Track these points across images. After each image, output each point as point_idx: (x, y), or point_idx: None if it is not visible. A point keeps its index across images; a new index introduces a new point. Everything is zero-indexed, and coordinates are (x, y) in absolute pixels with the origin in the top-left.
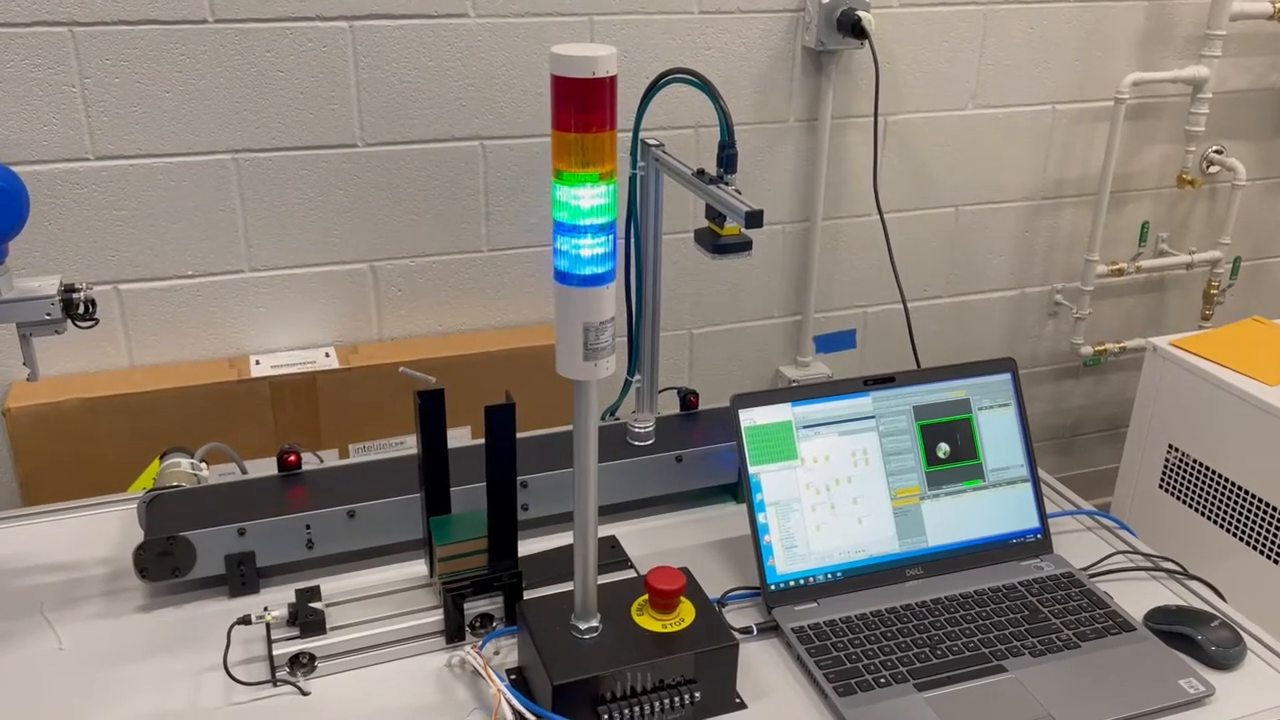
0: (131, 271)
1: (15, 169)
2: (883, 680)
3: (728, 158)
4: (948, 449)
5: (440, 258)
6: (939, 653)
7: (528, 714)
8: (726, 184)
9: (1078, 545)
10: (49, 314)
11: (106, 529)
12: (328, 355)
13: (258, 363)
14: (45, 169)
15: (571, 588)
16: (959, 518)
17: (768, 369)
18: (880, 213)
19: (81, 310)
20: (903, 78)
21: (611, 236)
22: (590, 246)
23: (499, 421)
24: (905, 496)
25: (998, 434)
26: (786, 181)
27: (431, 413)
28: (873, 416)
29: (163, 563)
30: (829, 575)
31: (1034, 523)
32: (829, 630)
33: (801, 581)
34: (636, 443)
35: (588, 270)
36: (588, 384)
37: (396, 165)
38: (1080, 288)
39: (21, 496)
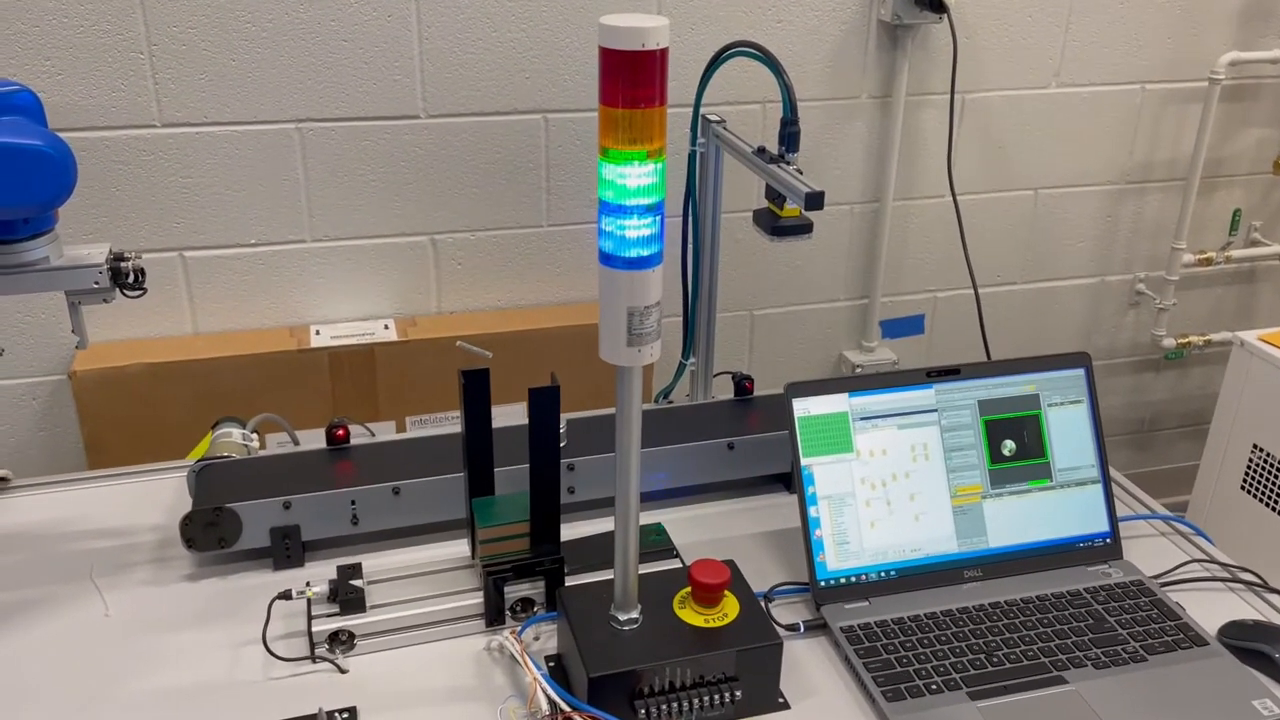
0: (196, 239)
1: (84, 135)
2: (934, 686)
3: (790, 135)
4: (1013, 446)
5: (500, 232)
6: (995, 660)
7: (563, 704)
8: (788, 163)
9: (1150, 551)
10: (97, 282)
11: (162, 495)
12: (386, 327)
13: (318, 333)
14: (113, 135)
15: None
16: (1023, 518)
17: (830, 353)
18: (954, 194)
19: (130, 279)
20: (982, 54)
21: (659, 218)
22: (636, 228)
23: (543, 404)
24: (966, 494)
25: (1068, 432)
26: (856, 160)
27: (476, 392)
28: (935, 410)
29: (209, 533)
30: (882, 574)
31: (1103, 526)
32: (880, 631)
33: (853, 579)
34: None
35: (633, 252)
36: (632, 370)
37: (458, 137)
38: (1165, 277)
39: (86, 458)
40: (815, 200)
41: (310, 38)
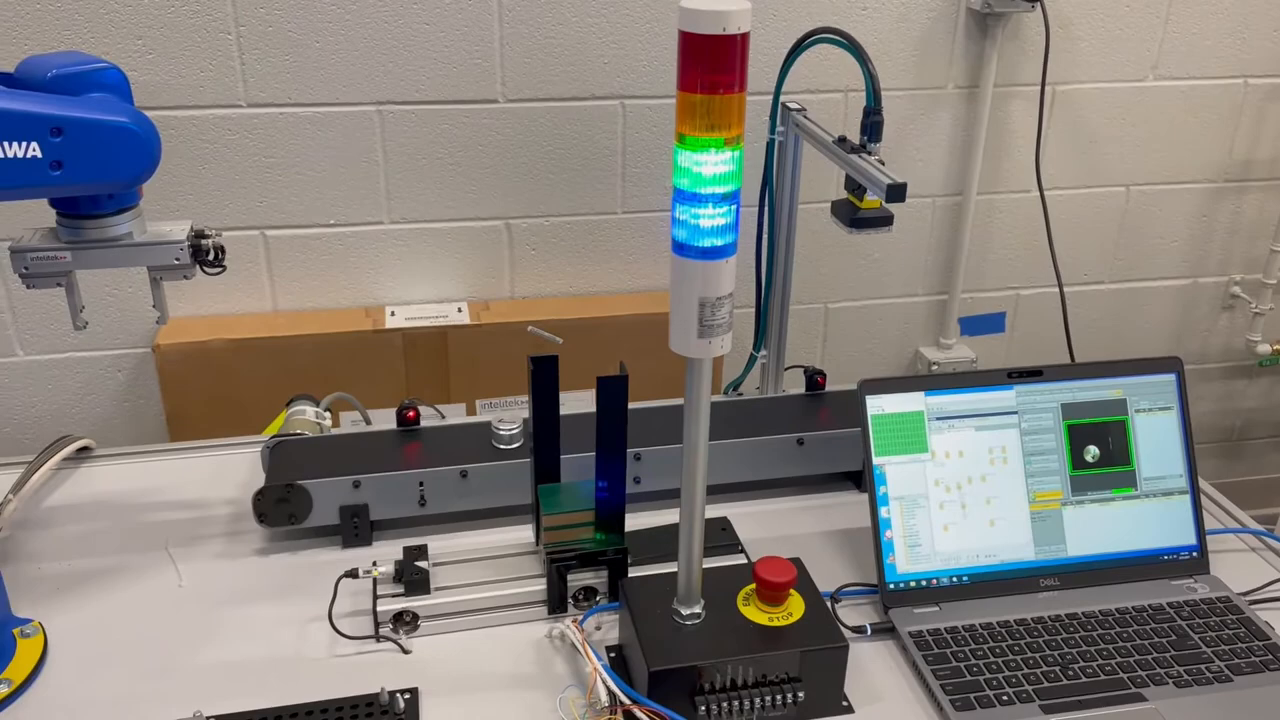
0: (277, 218)
1: (172, 114)
2: (1005, 697)
3: (872, 125)
4: (1097, 452)
5: (575, 218)
6: (1070, 673)
7: (623, 696)
8: (869, 153)
9: (1239, 567)
10: (177, 259)
11: (237, 470)
12: (460, 310)
13: (393, 314)
14: (200, 114)
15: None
16: (1105, 528)
17: (906, 350)
18: (1041, 189)
19: (211, 256)
20: (1076, 44)
21: (735, 207)
22: (710, 217)
23: (611, 393)
24: (1045, 501)
25: (1156, 439)
26: (940, 152)
27: (544, 379)
28: (1015, 412)
29: (280, 509)
30: (954, 579)
31: (1190, 539)
32: (950, 638)
33: (923, 583)
34: (500, 445)
35: (707, 242)
36: (701, 361)
37: (536, 122)
38: (1262, 280)
39: (167, 430)
40: (897, 192)
41: (393, 20)
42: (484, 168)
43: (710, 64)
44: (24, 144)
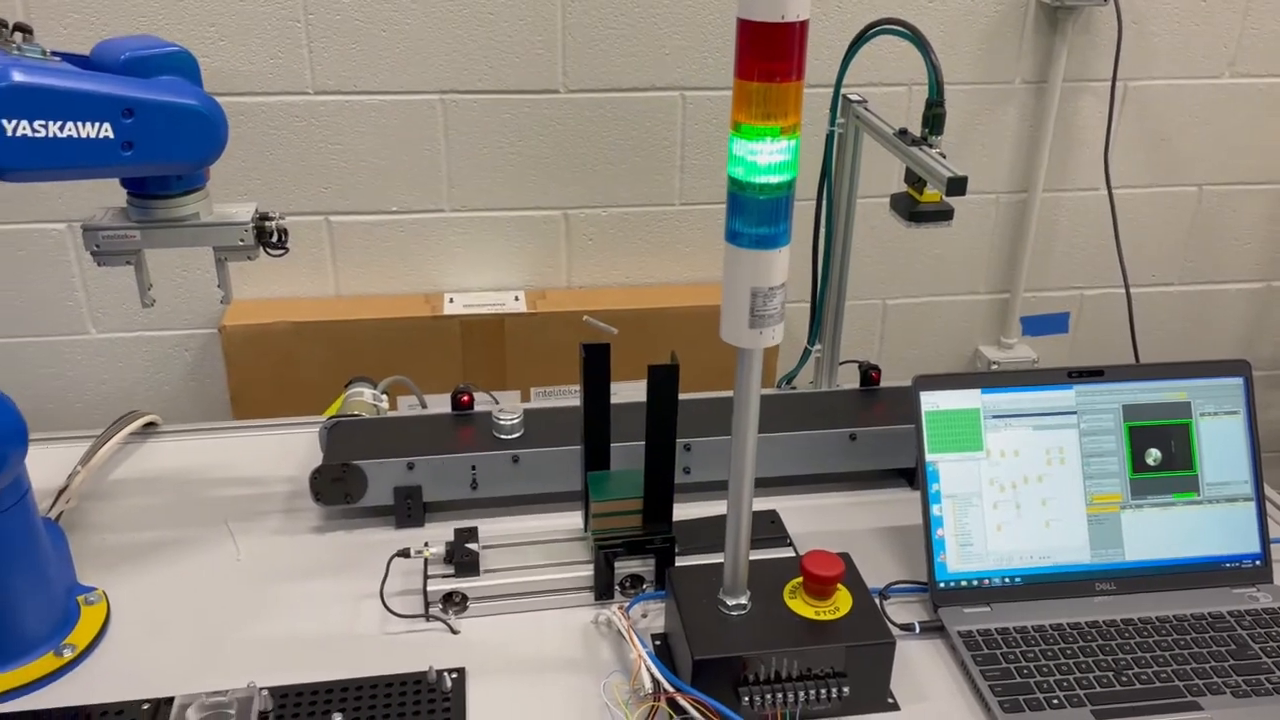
0: (341, 204)
1: (242, 99)
2: (1055, 701)
3: (934, 117)
4: (1159, 456)
5: (632, 209)
6: (1124, 679)
7: (666, 684)
8: (930, 146)
9: None
10: (242, 240)
11: (296, 449)
12: (517, 299)
13: (451, 301)
14: (269, 101)
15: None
16: (1164, 533)
17: (966, 348)
18: (1109, 187)
19: (274, 238)
20: (1150, 39)
21: (789, 198)
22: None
23: (662, 382)
24: (1103, 503)
25: (1220, 444)
26: (1006, 147)
27: (596, 366)
28: (1074, 412)
29: (335, 488)
30: (1006, 579)
31: (1254, 547)
32: (1000, 639)
33: (975, 582)
34: (501, 435)
35: (760, 231)
36: (752, 352)
37: (596, 112)
38: None
39: (231, 410)
40: (957, 185)
41: (457, 10)
42: (543, 157)
43: (767, 51)
44: (96, 124)
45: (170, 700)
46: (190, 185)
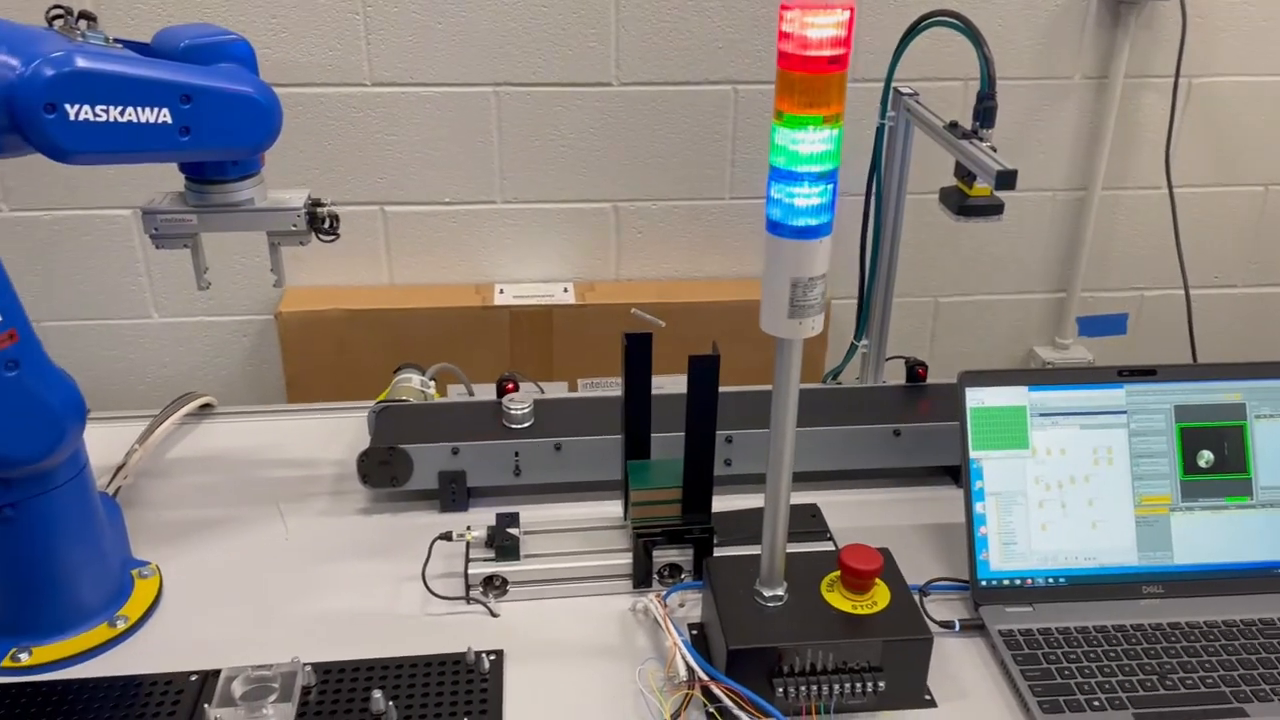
0: (396, 195)
1: (302, 90)
2: (1096, 703)
3: (985, 110)
4: (1211, 458)
5: (682, 202)
6: (1169, 684)
7: (701, 672)
8: (981, 139)
9: None
10: (294, 225)
11: (346, 433)
12: (565, 290)
13: (501, 291)
14: (328, 92)
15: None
16: (1215, 537)
17: (1020, 348)
18: (1170, 186)
19: (326, 224)
20: (1215, 35)
21: (831, 187)
22: (806, 196)
23: (703, 372)
24: (1152, 505)
25: (1276, 447)
26: (1064, 144)
27: (638, 355)
28: (1124, 411)
29: (382, 471)
30: (1050, 579)
31: None
32: (1042, 639)
33: (1017, 582)
34: (512, 425)
35: (801, 221)
36: (791, 342)
37: (647, 106)
38: None
39: (286, 395)
40: (1007, 179)
41: (512, 3)
42: (595, 150)
43: (811, 40)
44: (155, 110)
45: (217, 673)
46: (245, 171)
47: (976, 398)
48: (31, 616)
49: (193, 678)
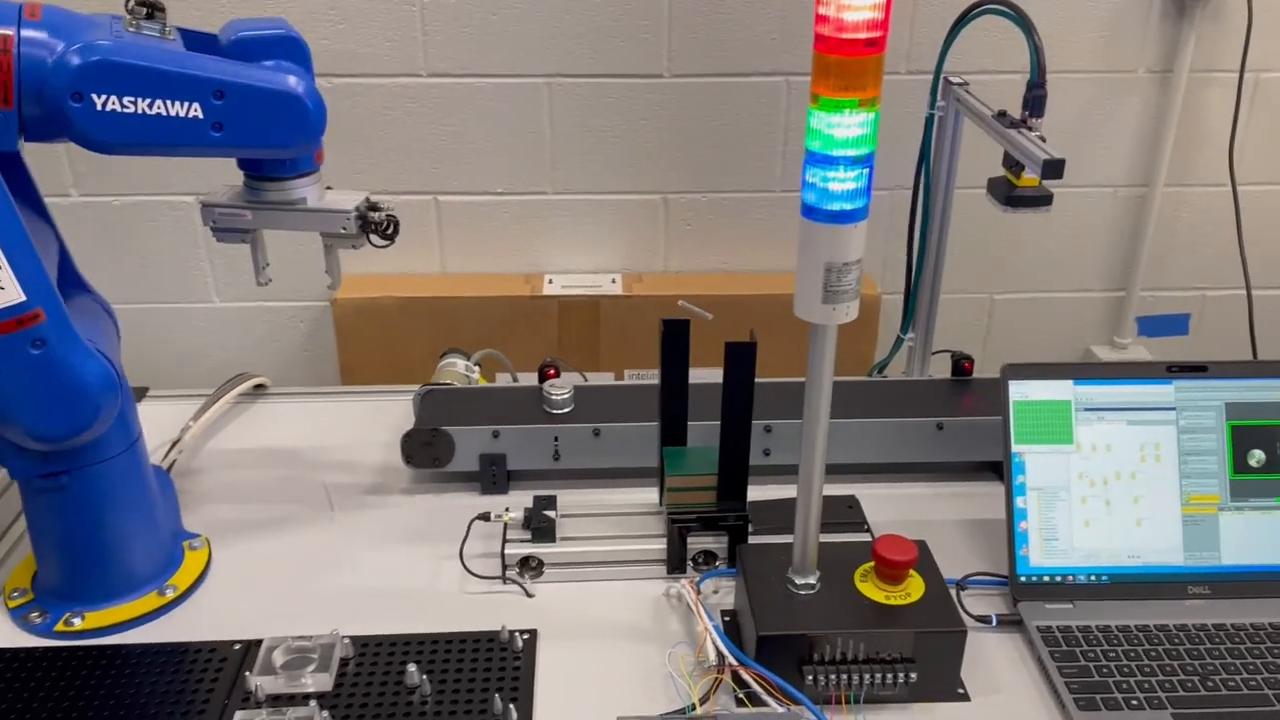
0: (450, 184)
1: (359, 81)
2: (1134, 702)
3: (1035, 100)
4: (1263, 457)
5: (732, 195)
6: (1210, 685)
7: (730, 657)
8: (1029, 129)
9: None
10: (344, 228)
11: (393, 415)
12: (614, 281)
13: (550, 281)
14: (384, 82)
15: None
16: (1266, 538)
17: (1076, 347)
18: (1234, 183)
19: (387, 228)
20: None
21: (867, 171)
22: (841, 180)
23: (739, 359)
24: (1200, 504)
25: None
26: (1126, 139)
27: (675, 342)
28: (1173, 408)
29: (425, 452)
30: (1091, 577)
31: None
32: (1081, 636)
33: (1058, 578)
34: (552, 410)
35: (836, 205)
36: (825, 328)
37: (698, 97)
38: None
39: (340, 378)
40: (1054, 168)
41: None
42: (645, 142)
43: (847, 23)
44: (186, 104)
45: (259, 643)
46: (299, 169)
47: (1021, 391)
48: (85, 583)
49: (236, 646)
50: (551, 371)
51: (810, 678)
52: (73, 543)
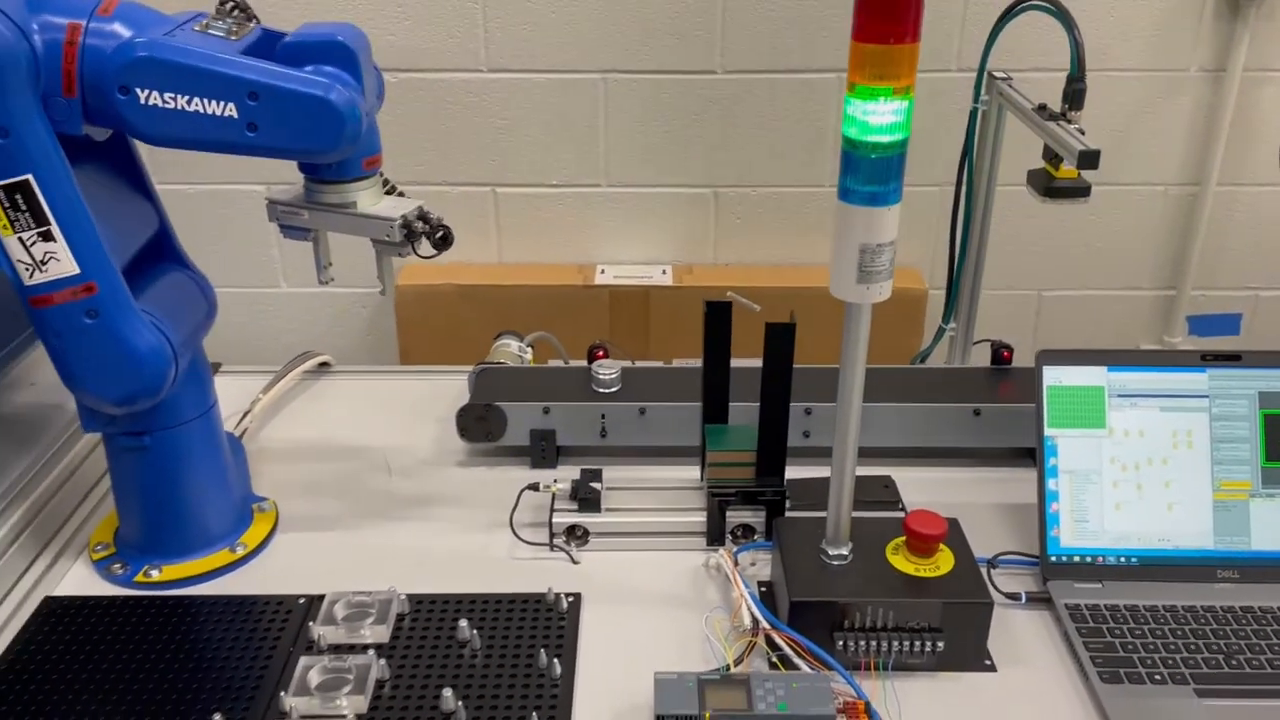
0: (507, 177)
1: (422, 76)
2: (1158, 677)
3: (1074, 93)
4: None
5: (781, 189)
6: (1234, 664)
7: (764, 621)
8: (1069, 121)
9: None
10: (388, 236)
11: (450, 392)
12: (664, 272)
13: (602, 271)
14: (446, 77)
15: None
16: None
17: (1125, 344)
18: None
19: (439, 237)
20: None
21: (900, 156)
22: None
23: (778, 340)
24: (1231, 490)
25: None
26: (1178, 138)
27: (718, 323)
28: (1206, 396)
29: (479, 426)
30: (1121, 559)
31: None
32: (1109, 614)
33: (1088, 559)
34: (600, 389)
35: (871, 188)
36: (860, 307)
37: (750, 93)
38: None
39: (400, 360)
40: (1089, 159)
41: None
42: (697, 136)
43: (882, 12)
44: (222, 103)
45: (322, 597)
46: (346, 173)
47: (1054, 376)
48: (163, 538)
49: (300, 600)
50: (600, 353)
51: (841, 643)
52: (152, 499)
